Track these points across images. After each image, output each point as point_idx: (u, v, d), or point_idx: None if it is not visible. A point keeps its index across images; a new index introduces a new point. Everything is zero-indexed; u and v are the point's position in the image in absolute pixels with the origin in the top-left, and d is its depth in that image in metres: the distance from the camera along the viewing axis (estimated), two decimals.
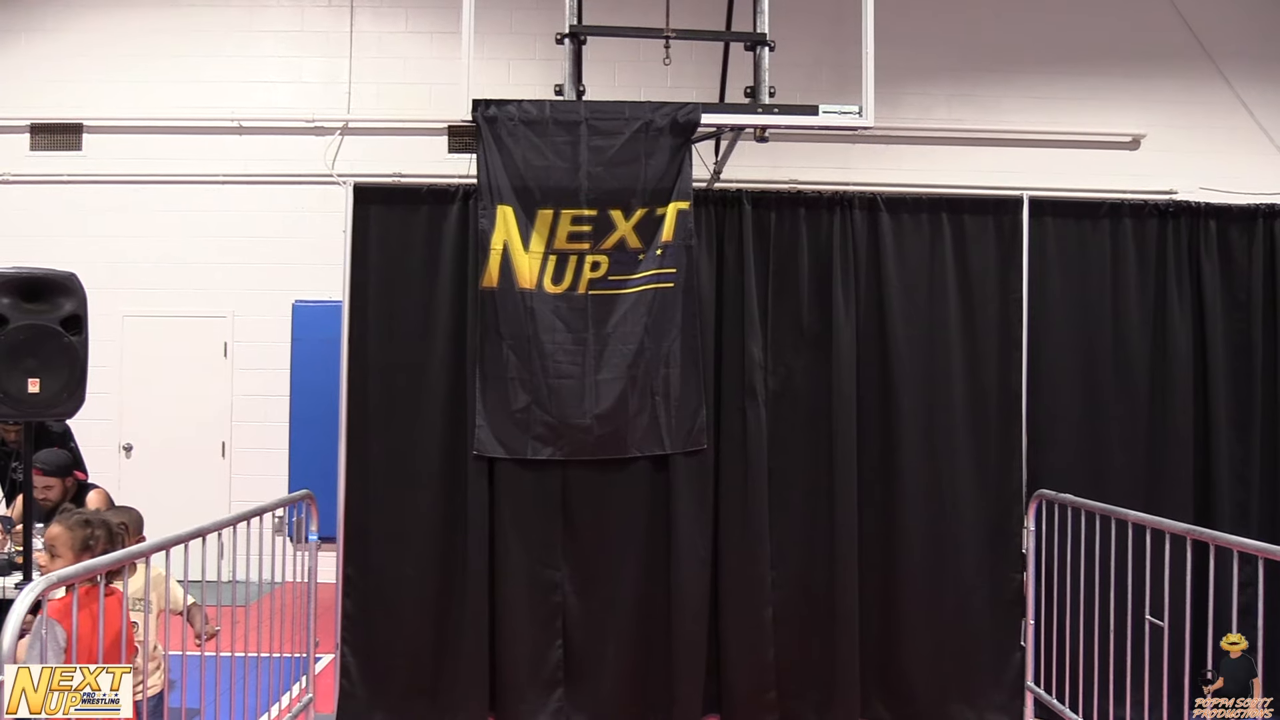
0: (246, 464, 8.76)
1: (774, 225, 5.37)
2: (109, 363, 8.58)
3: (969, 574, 5.29)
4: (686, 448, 5.17)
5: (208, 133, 8.90)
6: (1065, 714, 4.83)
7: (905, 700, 5.27)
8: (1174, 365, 5.40)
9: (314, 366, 8.28)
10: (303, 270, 8.67)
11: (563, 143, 5.07)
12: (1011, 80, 9.15)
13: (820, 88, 7.95)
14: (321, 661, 5.59)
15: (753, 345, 5.29)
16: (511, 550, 5.14)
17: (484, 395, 5.10)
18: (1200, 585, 3.94)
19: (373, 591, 5.19)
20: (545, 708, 5.16)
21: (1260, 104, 9.26)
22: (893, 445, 5.31)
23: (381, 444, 5.22)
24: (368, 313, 5.25)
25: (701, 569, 5.18)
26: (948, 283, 5.40)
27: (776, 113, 5.21)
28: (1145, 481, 5.36)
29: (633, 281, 5.11)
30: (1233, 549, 3.77)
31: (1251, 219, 5.56)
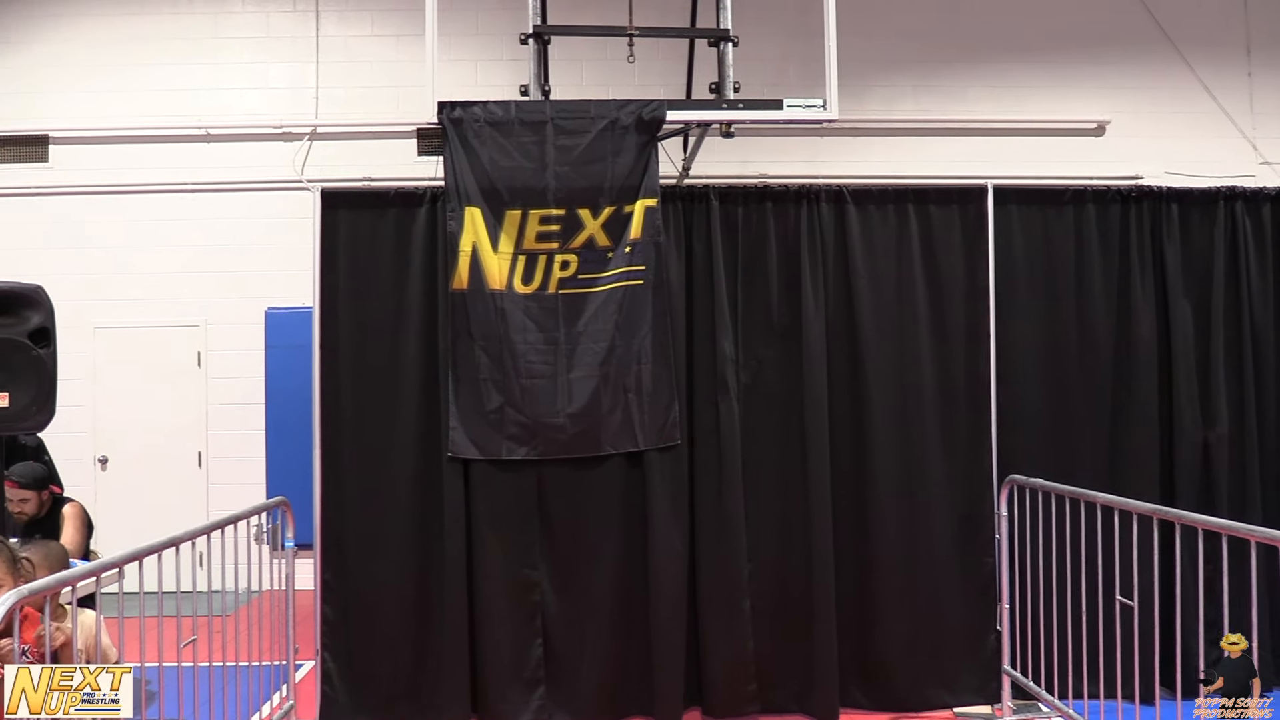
0: (224, 473, 8.72)
1: (741, 220, 5.40)
2: (81, 375, 8.54)
3: (943, 560, 5.34)
4: (660, 443, 5.20)
5: (175, 141, 8.85)
6: (1041, 695, 4.89)
7: (884, 687, 5.32)
8: (1138, 348, 5.47)
9: (288, 373, 8.28)
10: (275, 277, 8.65)
11: (529, 143, 5.09)
12: (976, 70, 9.22)
13: (787, 82, 7.99)
14: (302, 669, 5.59)
15: (723, 340, 5.32)
16: (489, 551, 5.16)
17: (457, 397, 5.11)
18: (1167, 564, 3.99)
19: (351, 596, 5.19)
20: (527, 707, 5.18)
21: (1222, 87, 9.37)
22: (864, 435, 5.36)
23: (356, 449, 5.22)
24: (338, 318, 5.25)
25: (678, 563, 5.21)
26: (915, 273, 5.45)
27: (741, 108, 5.25)
28: (1112, 464, 5.44)
29: (603, 280, 5.14)
30: (1197, 527, 3.82)
31: (1212, 202, 5.63)
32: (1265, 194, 5.67)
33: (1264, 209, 5.65)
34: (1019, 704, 5.24)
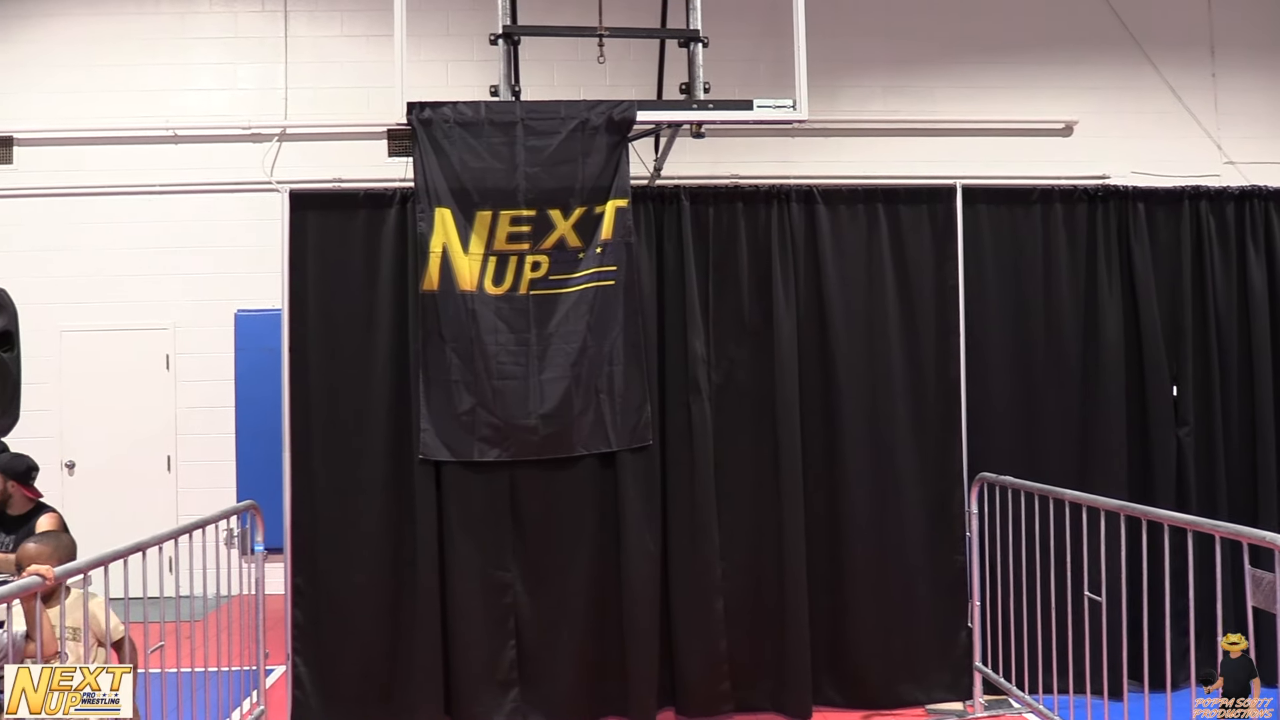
0: (193, 477, 8.64)
1: (712, 220, 5.41)
2: (47, 379, 8.43)
3: (914, 558, 5.37)
4: (632, 444, 5.20)
5: (143, 142, 8.76)
6: (1012, 690, 4.94)
7: (856, 684, 5.35)
8: (1106, 346, 5.52)
9: (258, 376, 8.20)
10: (244, 279, 8.58)
11: (499, 144, 5.08)
12: (946, 71, 9.29)
13: (758, 82, 8.02)
14: (273, 674, 5.54)
15: (695, 340, 5.32)
16: (461, 553, 5.14)
17: (428, 399, 5.08)
18: (1134, 559, 4.04)
19: (323, 600, 5.16)
20: (500, 708, 5.16)
21: (1187, 88, 9.49)
22: (836, 434, 5.38)
23: (327, 452, 5.19)
24: (308, 320, 5.22)
25: (651, 564, 5.22)
26: (885, 272, 5.48)
27: (711, 108, 5.26)
28: (1080, 461, 5.49)
29: (574, 280, 5.13)
30: (1164, 523, 3.87)
31: (1178, 201, 5.70)
32: (1229, 193, 5.75)
33: (1228, 208, 5.73)
34: (990, 700, 5.29)
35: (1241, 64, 9.56)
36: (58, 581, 3.35)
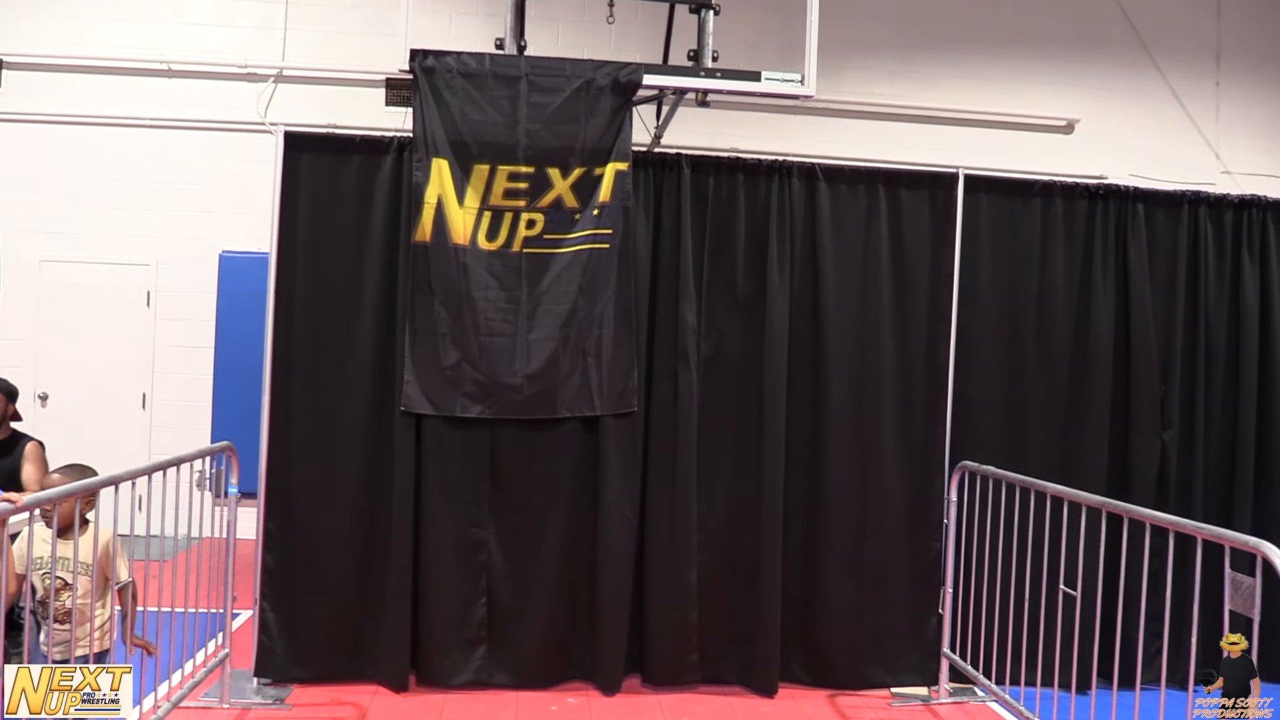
0: (168, 416, 8.55)
1: (712, 190, 5.36)
2: (25, 308, 8.32)
3: (890, 542, 5.37)
4: (617, 410, 5.16)
5: (135, 74, 8.59)
6: (979, 679, 4.95)
7: (824, 664, 5.36)
8: (1096, 344, 5.52)
9: (240, 319, 8.11)
10: (231, 221, 8.46)
11: (502, 97, 5.00)
12: (952, 59, 9.24)
13: (764, 56, 7.88)
14: (239, 617, 5.50)
15: (686, 310, 5.28)
16: (437, 508, 5.10)
17: (413, 351, 5.02)
18: (1113, 556, 4.04)
19: (294, 547, 5.11)
20: (468, 666, 5.14)
21: (1190, 94, 9.49)
22: (821, 414, 5.36)
23: (307, 399, 5.12)
24: (296, 264, 5.13)
25: (628, 531, 5.19)
26: (881, 254, 5.44)
27: (719, 77, 5.19)
28: (1063, 455, 5.49)
29: (568, 241, 5.07)
30: (1145, 521, 3.87)
31: (1177, 205, 5.69)
32: (1229, 201, 5.74)
33: (1226, 216, 5.72)
34: (956, 687, 5.31)
35: (1246, 74, 9.57)
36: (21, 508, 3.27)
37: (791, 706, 5.13)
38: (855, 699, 5.25)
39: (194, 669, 4.60)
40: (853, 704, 5.18)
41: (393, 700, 5.00)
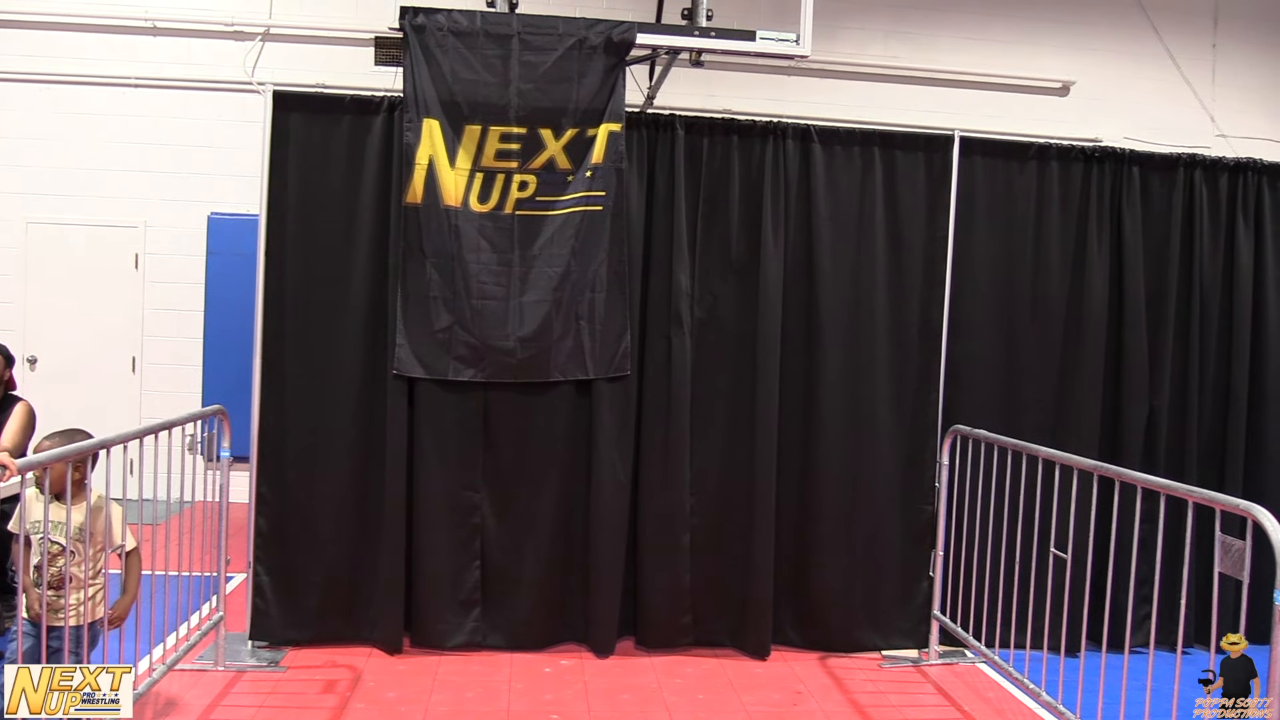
0: (158, 380, 8.51)
1: (706, 152, 5.31)
2: (11, 270, 8.27)
3: (883, 505, 5.39)
4: (610, 373, 5.15)
5: (119, 32, 8.44)
6: (969, 641, 4.98)
7: (816, 625, 5.39)
8: (1090, 308, 5.52)
9: (230, 282, 8.06)
10: (219, 182, 8.36)
11: (493, 56, 4.93)
12: (948, 20, 9.14)
13: (759, 15, 7.81)
14: (233, 581, 5.50)
15: (680, 272, 5.25)
16: (431, 471, 5.09)
17: (405, 314, 4.99)
18: (1104, 520, 4.05)
19: (287, 510, 5.10)
20: (462, 628, 5.16)
21: (1186, 57, 9.41)
22: (814, 376, 5.35)
23: (298, 361, 5.09)
24: (286, 225, 5.08)
25: (621, 494, 5.20)
26: (876, 217, 5.41)
27: (713, 36, 5.14)
28: (1056, 418, 5.51)
29: (561, 203, 5.03)
30: (1137, 485, 3.88)
31: (1173, 168, 5.67)
32: (1224, 164, 5.72)
33: (1221, 179, 5.71)
34: (946, 649, 5.35)
35: (1243, 36, 9.50)
36: (16, 472, 3.25)
37: (783, 668, 5.17)
38: (846, 661, 5.29)
39: (188, 632, 4.61)
40: (844, 665, 5.22)
41: (387, 662, 5.02)
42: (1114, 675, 3.88)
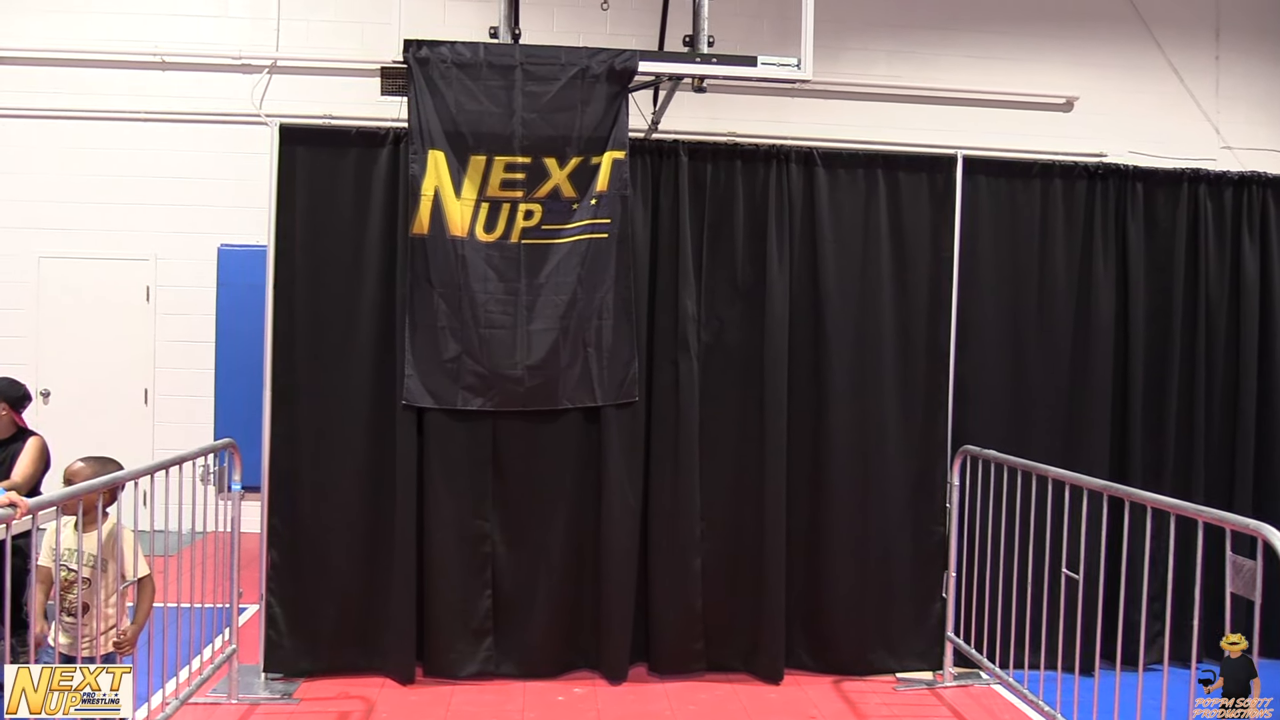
0: (170, 411, 8.55)
1: (710, 177, 5.33)
2: (24, 305, 8.32)
3: (893, 526, 5.38)
4: (618, 400, 5.16)
5: (129, 67, 8.53)
6: (983, 663, 4.96)
7: (829, 648, 5.37)
8: (1096, 326, 5.51)
9: (241, 313, 8.10)
10: (229, 214, 8.43)
11: (497, 87, 4.97)
12: (950, 39, 9.18)
13: (761, 39, 7.87)
14: (246, 613, 5.52)
15: (686, 298, 5.27)
16: (441, 500, 5.10)
17: (413, 344, 5.02)
18: (1114, 540, 4.04)
19: (299, 541, 5.12)
20: (474, 657, 5.16)
21: (1189, 70, 9.42)
22: (822, 400, 5.35)
23: (308, 393, 5.12)
24: (294, 258, 5.12)
25: (631, 520, 5.20)
26: (881, 239, 5.42)
27: (715, 62, 5.17)
28: (1065, 439, 5.48)
29: (566, 231, 5.06)
30: (1146, 505, 3.87)
31: (1177, 183, 5.66)
32: (1228, 178, 5.72)
33: (1226, 193, 5.70)
34: (960, 671, 5.32)
35: (1246, 47, 9.50)
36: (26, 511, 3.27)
37: (797, 693, 5.15)
38: (861, 684, 5.26)
39: (201, 665, 4.62)
40: (858, 689, 5.20)
41: (400, 692, 5.02)
42: (1129, 695, 3.86)
